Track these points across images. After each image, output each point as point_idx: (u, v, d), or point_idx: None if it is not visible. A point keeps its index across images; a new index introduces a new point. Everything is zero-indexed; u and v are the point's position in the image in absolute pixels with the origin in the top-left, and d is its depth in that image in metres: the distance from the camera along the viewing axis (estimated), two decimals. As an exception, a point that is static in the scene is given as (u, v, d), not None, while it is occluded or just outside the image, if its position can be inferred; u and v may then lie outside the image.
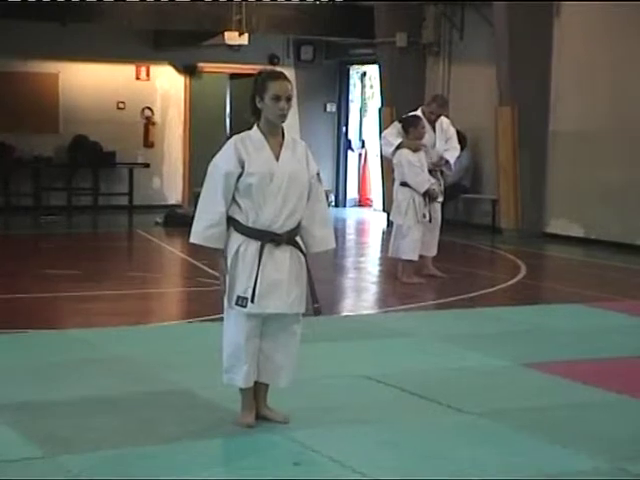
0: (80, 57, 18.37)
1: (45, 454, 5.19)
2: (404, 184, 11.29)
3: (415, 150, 11.22)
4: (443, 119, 11.92)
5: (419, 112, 11.81)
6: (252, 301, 5.51)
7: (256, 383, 5.70)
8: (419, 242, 11.30)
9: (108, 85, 18.83)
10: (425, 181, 11.26)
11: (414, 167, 11.20)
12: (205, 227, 5.57)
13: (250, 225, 5.55)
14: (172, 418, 5.85)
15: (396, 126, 11.62)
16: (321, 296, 5.82)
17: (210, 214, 5.56)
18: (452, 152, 11.80)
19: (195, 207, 5.70)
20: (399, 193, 11.39)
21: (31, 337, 8.16)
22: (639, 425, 6.07)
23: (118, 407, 6.06)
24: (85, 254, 14.03)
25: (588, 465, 5.28)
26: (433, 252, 11.78)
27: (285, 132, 5.70)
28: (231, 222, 5.57)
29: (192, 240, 5.64)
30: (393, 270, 11.66)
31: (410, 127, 11.32)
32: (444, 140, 11.75)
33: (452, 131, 11.93)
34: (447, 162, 11.78)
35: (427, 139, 11.47)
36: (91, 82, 18.68)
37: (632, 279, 12.52)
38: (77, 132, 18.43)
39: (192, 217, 5.68)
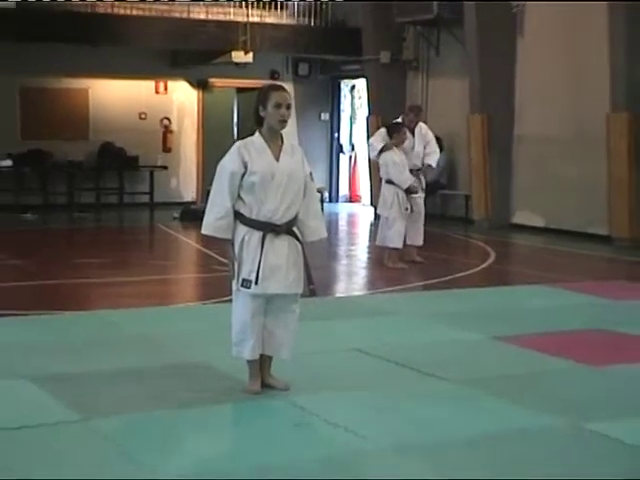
0: (107, 74, 18.32)
1: (80, 418, 5.20)
2: (389, 181, 11.32)
3: (397, 145, 11.25)
4: (422, 125, 11.93)
5: (400, 120, 11.84)
6: (256, 283, 5.52)
7: (261, 356, 5.71)
8: (403, 232, 11.32)
9: (131, 98, 18.80)
10: (408, 178, 11.29)
11: (398, 166, 11.24)
12: (215, 220, 5.57)
13: (253, 217, 5.55)
14: (188, 386, 5.85)
15: (381, 133, 11.61)
16: (316, 280, 5.81)
17: (219, 208, 5.56)
18: (433, 156, 11.81)
19: (206, 203, 5.70)
20: (385, 189, 11.42)
21: (67, 318, 8.15)
22: (593, 389, 6.08)
23: (142, 377, 6.07)
24: (112, 245, 14.02)
25: (549, 423, 5.29)
26: (419, 242, 11.76)
27: (284, 138, 5.70)
28: (237, 215, 5.57)
29: (203, 231, 5.65)
30: (380, 257, 11.67)
31: (394, 133, 11.34)
32: (423, 144, 11.74)
33: (430, 136, 11.92)
34: (429, 166, 11.81)
35: (407, 143, 11.49)
36: (117, 96, 18.64)
37: (586, 263, 12.53)
38: (105, 139, 18.39)
39: (204, 212, 5.68)
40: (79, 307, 8.75)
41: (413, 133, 11.69)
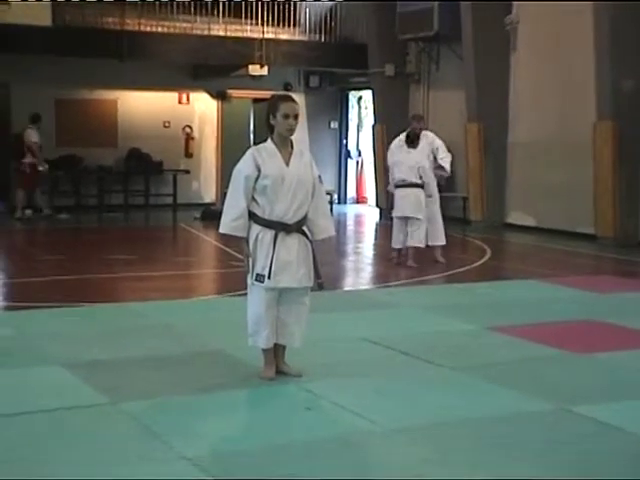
0: (134, 86, 18.35)
1: (109, 401, 5.21)
2: (418, 185, 11.01)
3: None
4: (427, 133, 11.69)
5: (410, 129, 11.65)
6: (269, 277, 5.52)
7: (275, 345, 5.70)
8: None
9: (156, 108, 18.81)
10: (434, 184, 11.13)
11: (430, 171, 11.05)
12: (231, 219, 5.56)
13: (266, 217, 5.55)
14: (208, 373, 5.86)
15: (401, 139, 11.42)
16: (326, 275, 5.82)
17: (234, 209, 5.55)
18: (446, 159, 11.49)
19: (224, 204, 5.70)
20: (417, 192, 11.01)
21: (97, 309, 8.16)
22: (581, 375, 6.06)
23: (165, 364, 6.06)
24: (139, 243, 14.04)
25: (539, 407, 5.28)
26: (442, 241, 11.53)
27: (294, 144, 5.69)
28: (251, 215, 5.57)
29: (221, 230, 5.64)
30: (385, 254, 11.54)
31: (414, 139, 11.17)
32: (429, 149, 11.48)
33: (438, 142, 11.59)
34: (443, 168, 11.57)
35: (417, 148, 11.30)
36: (143, 106, 18.66)
37: (574, 259, 12.49)
38: (132, 146, 18.41)
39: (222, 212, 5.68)
40: (108, 299, 8.75)
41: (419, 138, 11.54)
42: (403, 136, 11.40)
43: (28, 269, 10.60)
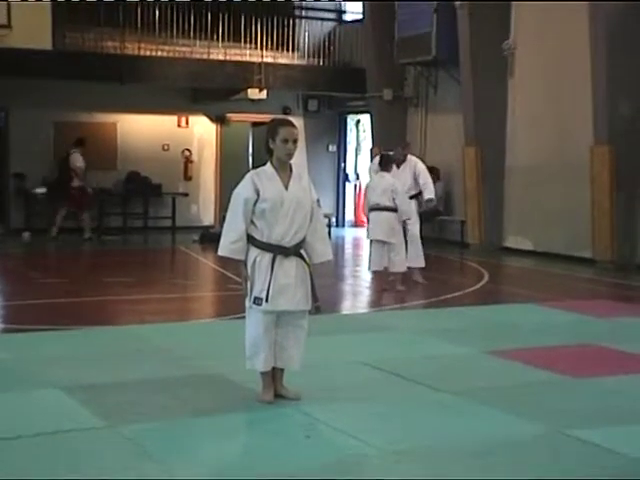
0: (134, 109, 18.42)
1: (107, 424, 5.20)
2: (391, 209, 10.95)
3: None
4: (411, 157, 11.85)
5: (392, 153, 11.75)
6: (266, 300, 5.53)
7: (274, 368, 5.71)
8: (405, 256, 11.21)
9: (156, 131, 18.87)
10: (411, 210, 11.23)
11: (404, 195, 11.09)
12: (230, 242, 5.58)
13: (264, 240, 5.56)
14: (206, 396, 5.85)
15: (374, 163, 11.62)
16: (324, 298, 5.83)
17: (233, 232, 5.57)
18: (429, 188, 11.62)
19: (223, 227, 5.72)
20: (389, 217, 10.93)
21: (95, 332, 8.16)
22: (578, 399, 6.06)
23: (163, 387, 6.06)
24: (138, 265, 14.06)
25: (536, 430, 5.28)
26: (421, 264, 11.64)
27: (293, 167, 5.71)
28: (250, 238, 5.58)
29: (220, 253, 5.66)
30: (383, 278, 11.52)
31: (386, 164, 11.23)
32: (412, 173, 11.63)
33: (421, 167, 11.74)
34: (429, 200, 11.66)
35: (396, 173, 11.38)
36: (142, 129, 18.71)
37: (572, 283, 12.50)
38: (131, 169, 18.45)
39: (221, 235, 5.69)
40: (106, 322, 8.76)
41: (398, 165, 11.61)
42: (376, 160, 11.53)
43: (26, 291, 10.59)
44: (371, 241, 11.25)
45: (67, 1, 16.07)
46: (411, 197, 11.59)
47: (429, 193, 11.65)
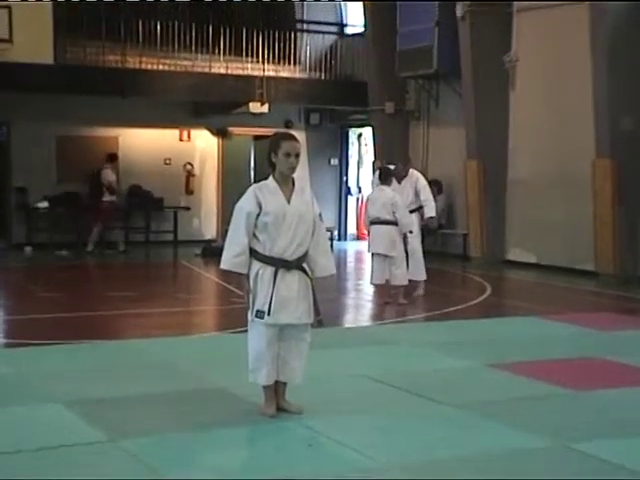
0: (135, 123, 18.46)
1: (109, 438, 5.22)
2: (391, 222, 10.92)
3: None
4: (413, 172, 11.92)
5: (392, 167, 11.80)
6: (269, 314, 5.55)
7: (276, 382, 5.72)
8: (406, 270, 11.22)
9: (157, 145, 18.89)
10: (411, 222, 11.23)
11: (405, 209, 11.10)
12: (233, 256, 5.60)
13: (267, 254, 5.59)
14: (208, 409, 5.87)
15: (375, 176, 11.66)
16: (326, 312, 5.84)
17: (236, 246, 5.59)
18: (430, 206, 11.69)
19: (225, 241, 5.74)
20: (390, 230, 10.91)
21: (97, 346, 8.18)
22: (581, 412, 6.07)
23: (165, 401, 6.08)
24: (139, 279, 14.07)
25: (539, 444, 5.29)
26: (422, 277, 11.67)
27: (295, 181, 5.74)
28: (252, 252, 5.60)
29: (222, 266, 5.67)
30: (385, 291, 11.52)
31: (386, 177, 11.26)
32: (413, 188, 11.70)
33: (422, 182, 11.81)
34: (431, 218, 11.72)
35: (397, 187, 11.42)
36: (144, 143, 18.74)
37: (574, 296, 12.51)
38: (133, 182, 18.46)
39: (223, 249, 5.71)
40: (108, 336, 8.77)
41: (399, 181, 11.65)
42: (377, 174, 11.57)
43: (28, 306, 10.62)
44: (372, 254, 11.27)
45: (68, 15, 16.13)
46: (412, 211, 11.61)
47: (430, 210, 11.69)
